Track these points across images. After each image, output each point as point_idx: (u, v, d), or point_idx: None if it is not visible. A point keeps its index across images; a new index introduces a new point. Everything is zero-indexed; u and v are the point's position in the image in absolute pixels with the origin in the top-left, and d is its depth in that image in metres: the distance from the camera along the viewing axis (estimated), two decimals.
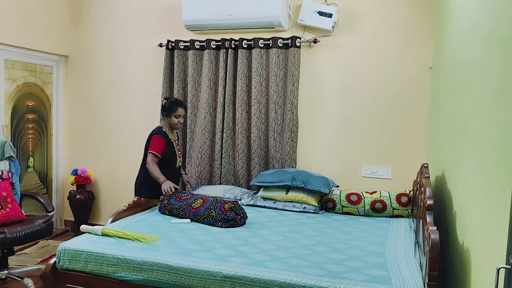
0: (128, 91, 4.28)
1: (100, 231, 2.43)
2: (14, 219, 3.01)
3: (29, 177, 4.19)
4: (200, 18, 3.71)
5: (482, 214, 1.47)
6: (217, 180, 3.90)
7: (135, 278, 2.12)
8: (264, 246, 2.35)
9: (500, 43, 1.37)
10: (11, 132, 3.95)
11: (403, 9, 3.48)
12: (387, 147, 3.57)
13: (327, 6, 3.56)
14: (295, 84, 3.66)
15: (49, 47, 4.20)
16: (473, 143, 1.68)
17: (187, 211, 2.88)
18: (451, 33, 2.51)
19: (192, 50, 3.90)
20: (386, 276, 1.94)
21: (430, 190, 2.15)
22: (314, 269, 2.00)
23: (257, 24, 3.64)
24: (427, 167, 2.64)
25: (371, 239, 2.56)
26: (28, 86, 4.12)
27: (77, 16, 4.43)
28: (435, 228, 1.79)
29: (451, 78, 2.36)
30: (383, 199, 3.17)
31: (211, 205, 2.83)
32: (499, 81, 1.34)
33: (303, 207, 3.24)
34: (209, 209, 2.80)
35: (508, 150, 1.19)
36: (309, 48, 3.73)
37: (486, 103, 1.51)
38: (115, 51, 4.32)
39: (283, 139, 3.73)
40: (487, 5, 1.61)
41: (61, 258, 2.27)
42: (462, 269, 1.74)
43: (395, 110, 3.53)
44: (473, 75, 1.78)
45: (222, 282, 1.97)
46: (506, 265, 1.06)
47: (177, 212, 2.92)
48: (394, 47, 3.51)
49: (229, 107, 3.84)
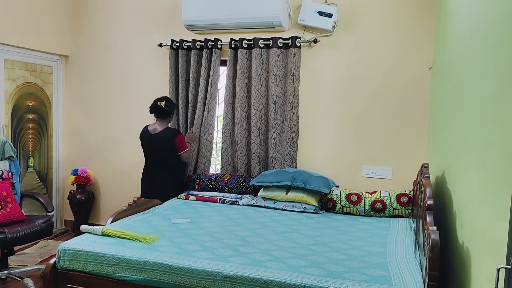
0: (128, 91, 4.28)
1: (100, 231, 2.43)
2: (14, 219, 3.01)
3: (29, 177, 4.19)
4: (200, 18, 3.71)
5: (482, 214, 1.47)
6: None
7: (135, 278, 2.12)
8: (264, 246, 2.35)
9: (500, 43, 1.37)
10: (11, 132, 3.95)
11: (403, 9, 3.48)
12: (387, 147, 3.57)
13: (327, 6, 3.56)
14: (295, 84, 3.66)
15: (49, 47, 4.20)
16: (473, 143, 1.68)
17: (218, 182, 3.57)
18: (451, 33, 2.51)
19: (194, 50, 3.89)
20: (386, 276, 1.95)
21: (430, 190, 2.15)
22: (314, 269, 2.00)
23: (257, 24, 3.64)
24: (427, 167, 2.64)
25: (371, 239, 2.56)
26: (28, 86, 4.12)
27: (77, 16, 4.43)
28: (435, 228, 1.79)
29: (451, 78, 2.36)
30: (383, 199, 3.17)
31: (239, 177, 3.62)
32: (499, 81, 1.34)
33: (303, 207, 3.24)
34: (239, 180, 3.60)
35: (508, 150, 1.19)
36: (309, 48, 3.73)
37: (486, 103, 1.51)
38: (115, 51, 4.32)
39: (283, 139, 3.73)
40: (487, 5, 1.61)
41: (61, 258, 2.27)
42: (462, 269, 1.74)
43: (395, 110, 3.53)
44: (473, 75, 1.78)
45: (222, 282, 1.97)
46: (506, 265, 1.06)
47: (209, 183, 3.60)
48: (394, 47, 3.51)
49: (228, 107, 3.83)
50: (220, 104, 3.96)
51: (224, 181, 3.62)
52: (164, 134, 3.48)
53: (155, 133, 3.50)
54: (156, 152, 3.51)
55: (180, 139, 3.48)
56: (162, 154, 3.49)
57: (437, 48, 3.20)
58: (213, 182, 3.63)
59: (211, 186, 3.62)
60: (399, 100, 3.52)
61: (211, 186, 3.62)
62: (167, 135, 3.47)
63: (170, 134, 3.48)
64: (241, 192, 3.59)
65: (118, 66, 4.32)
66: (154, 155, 3.54)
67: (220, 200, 3.46)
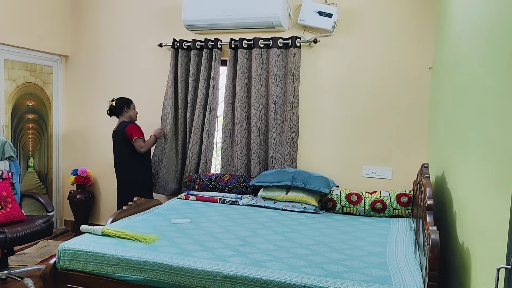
0: (128, 91, 4.28)
1: (100, 231, 2.43)
2: (14, 219, 3.01)
3: (29, 177, 4.19)
4: (200, 18, 3.71)
5: (482, 214, 1.47)
6: None
7: (135, 278, 2.12)
8: (264, 246, 2.35)
9: (500, 43, 1.37)
10: (11, 132, 3.95)
11: (403, 9, 3.48)
12: (387, 147, 3.57)
13: (327, 6, 3.56)
14: (295, 84, 3.65)
15: (49, 47, 4.20)
16: (473, 143, 1.68)
17: (218, 182, 3.58)
18: (451, 33, 2.51)
19: (194, 50, 3.89)
20: (386, 276, 1.95)
21: (430, 190, 2.15)
22: (314, 269, 2.00)
23: (257, 24, 3.64)
24: (427, 167, 2.64)
25: (371, 239, 2.56)
26: (28, 86, 4.12)
27: (77, 16, 4.43)
28: (435, 228, 1.79)
29: (451, 78, 2.36)
30: (383, 199, 3.17)
31: (239, 177, 3.64)
32: (499, 81, 1.34)
33: (303, 207, 3.24)
34: (239, 180, 3.61)
35: (508, 150, 1.19)
36: (309, 48, 3.73)
37: (486, 103, 1.51)
38: (115, 51, 4.32)
39: (283, 139, 3.73)
40: (488, 5, 1.61)
41: (61, 258, 2.27)
42: (462, 269, 1.74)
43: (395, 110, 3.53)
44: (473, 75, 1.78)
45: (222, 282, 1.97)
46: (506, 265, 1.06)
47: (208, 183, 3.60)
48: (394, 47, 3.51)
49: (228, 107, 3.83)
50: (220, 104, 3.96)
51: (224, 181, 3.63)
52: (119, 126, 3.68)
53: (115, 129, 3.74)
54: (116, 146, 3.72)
55: (130, 128, 3.59)
56: (120, 146, 3.67)
57: (437, 48, 3.20)
58: (213, 182, 3.63)
59: (211, 186, 3.62)
60: (399, 100, 3.52)
61: (211, 186, 3.62)
62: (121, 126, 3.65)
63: (123, 125, 3.65)
64: (241, 192, 3.59)
65: (118, 66, 4.32)
66: (115, 150, 3.75)
67: (220, 200, 3.46)
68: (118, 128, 3.69)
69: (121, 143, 3.64)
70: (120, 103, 3.72)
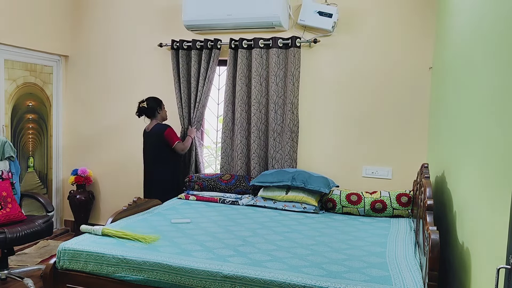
0: (128, 91, 4.28)
1: (100, 231, 2.43)
2: (14, 219, 3.01)
3: (29, 177, 4.19)
4: (200, 18, 3.71)
5: (482, 214, 1.47)
6: None
7: (135, 278, 2.12)
8: (264, 246, 2.35)
9: (500, 43, 1.37)
10: (11, 132, 3.95)
11: (403, 9, 3.48)
12: (387, 147, 3.57)
13: (327, 6, 3.56)
14: (295, 84, 3.65)
15: (49, 47, 4.20)
16: (473, 143, 1.68)
17: (218, 182, 3.59)
18: (451, 33, 2.51)
19: (194, 50, 3.89)
20: (386, 276, 1.95)
21: (430, 190, 2.15)
22: (314, 269, 2.00)
23: (257, 24, 3.64)
24: (427, 167, 2.64)
25: (371, 239, 2.56)
26: (28, 86, 4.12)
27: (77, 16, 4.43)
28: (435, 228, 1.79)
29: (451, 78, 2.36)
30: (383, 199, 3.17)
31: (239, 177, 3.64)
32: (499, 81, 1.34)
33: (303, 207, 3.24)
34: (239, 180, 3.61)
35: (508, 150, 1.19)
36: (309, 48, 3.73)
37: (486, 103, 1.51)
38: (115, 51, 4.32)
39: (282, 139, 3.73)
40: (488, 5, 1.61)
41: (61, 258, 2.27)
42: (462, 269, 1.74)
43: (395, 110, 3.53)
44: (473, 75, 1.78)
45: (222, 282, 1.97)
46: (506, 265, 1.06)
47: (208, 183, 3.60)
48: (394, 47, 3.51)
49: (228, 107, 3.83)
50: (220, 104, 3.95)
51: (224, 181, 3.63)
52: (155, 129, 3.61)
53: (148, 131, 3.66)
54: (151, 148, 3.65)
55: (169, 133, 3.57)
56: (155, 149, 3.61)
57: (437, 48, 3.20)
58: (213, 182, 3.63)
59: (211, 186, 3.62)
60: (399, 100, 3.52)
61: (211, 186, 3.62)
62: (157, 129, 3.60)
63: (160, 129, 3.59)
64: (241, 192, 3.59)
65: (118, 66, 4.32)
66: (149, 151, 3.68)
67: (220, 200, 3.46)
68: (152, 130, 3.62)
69: (157, 145, 3.60)
70: (152, 105, 3.64)
